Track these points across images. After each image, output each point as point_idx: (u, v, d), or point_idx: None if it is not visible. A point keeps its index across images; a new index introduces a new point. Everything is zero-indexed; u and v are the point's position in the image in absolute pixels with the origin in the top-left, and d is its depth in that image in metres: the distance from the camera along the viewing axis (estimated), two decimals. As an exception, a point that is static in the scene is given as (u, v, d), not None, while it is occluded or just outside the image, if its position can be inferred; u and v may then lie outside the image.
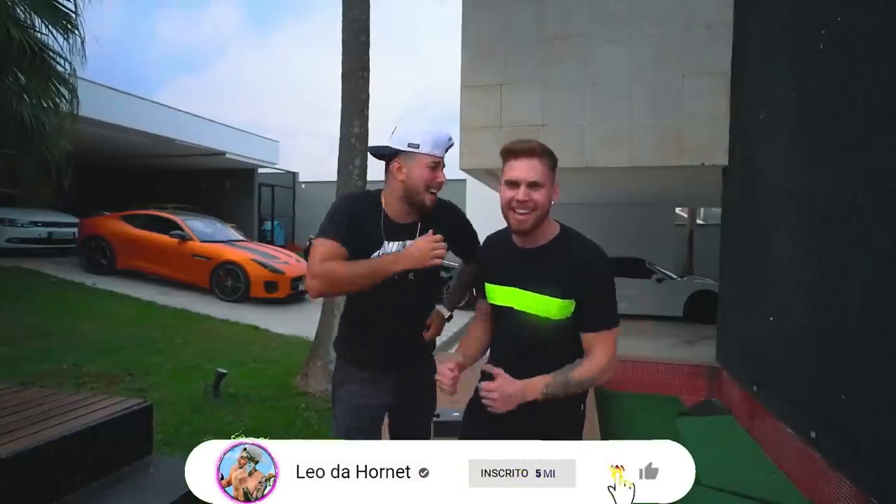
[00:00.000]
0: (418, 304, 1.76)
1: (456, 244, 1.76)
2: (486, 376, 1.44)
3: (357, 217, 1.65)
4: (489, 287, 1.58)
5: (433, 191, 1.64)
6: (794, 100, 3.40)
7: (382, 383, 1.75)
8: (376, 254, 1.63)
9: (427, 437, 1.89)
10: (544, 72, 5.26)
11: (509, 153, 1.46)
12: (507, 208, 1.45)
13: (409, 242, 1.63)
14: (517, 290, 1.50)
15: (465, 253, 1.85)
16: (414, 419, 1.85)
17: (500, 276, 1.55)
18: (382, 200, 1.70)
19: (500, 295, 1.54)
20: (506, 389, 1.38)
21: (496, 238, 1.63)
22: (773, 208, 3.75)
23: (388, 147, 1.66)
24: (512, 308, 1.51)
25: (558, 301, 1.44)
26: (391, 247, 1.65)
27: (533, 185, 1.42)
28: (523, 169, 1.43)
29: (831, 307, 2.79)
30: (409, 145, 1.62)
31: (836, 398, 2.66)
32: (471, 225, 1.85)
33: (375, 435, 1.78)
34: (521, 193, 1.42)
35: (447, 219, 1.75)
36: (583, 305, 1.45)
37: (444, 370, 1.49)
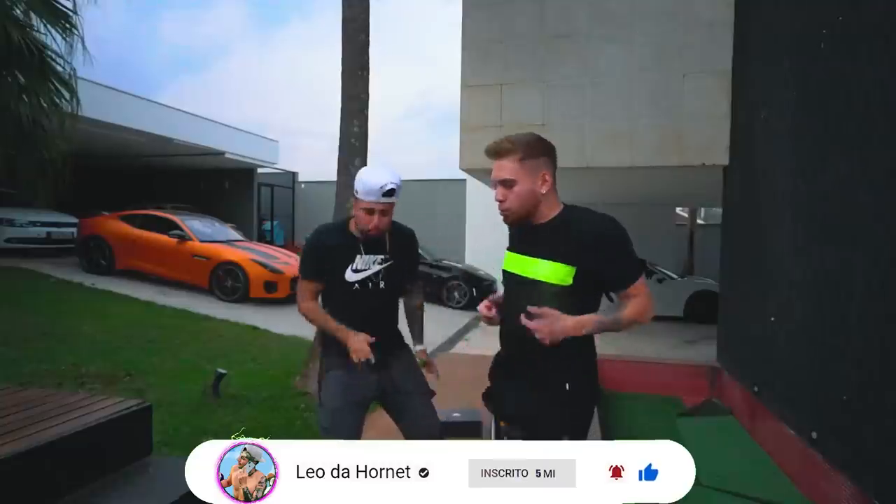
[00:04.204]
0: (384, 305, 2.04)
1: (402, 267, 2.05)
2: (529, 316, 1.50)
3: (325, 248, 1.99)
4: (506, 254, 1.70)
5: (369, 230, 1.89)
6: (794, 99, 3.40)
7: (365, 372, 1.94)
8: (350, 267, 1.95)
9: (431, 413, 2.07)
10: (544, 71, 5.25)
11: (487, 155, 1.59)
12: None
13: (378, 257, 1.98)
14: (520, 255, 1.62)
15: (406, 277, 2.13)
16: (409, 397, 2.04)
17: (513, 244, 1.69)
18: (351, 225, 1.99)
19: (510, 261, 1.67)
20: (553, 325, 1.46)
21: None
22: (774, 208, 3.74)
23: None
24: (515, 273, 1.62)
25: (551, 263, 1.52)
26: (361, 260, 1.96)
27: (505, 183, 1.54)
28: (495, 170, 1.56)
29: (832, 307, 2.79)
30: (355, 189, 1.89)
31: (837, 398, 2.66)
32: (416, 254, 2.17)
33: (357, 420, 1.96)
34: (497, 193, 1.56)
35: (402, 242, 2.07)
36: (604, 271, 1.53)
37: (483, 308, 1.68)
